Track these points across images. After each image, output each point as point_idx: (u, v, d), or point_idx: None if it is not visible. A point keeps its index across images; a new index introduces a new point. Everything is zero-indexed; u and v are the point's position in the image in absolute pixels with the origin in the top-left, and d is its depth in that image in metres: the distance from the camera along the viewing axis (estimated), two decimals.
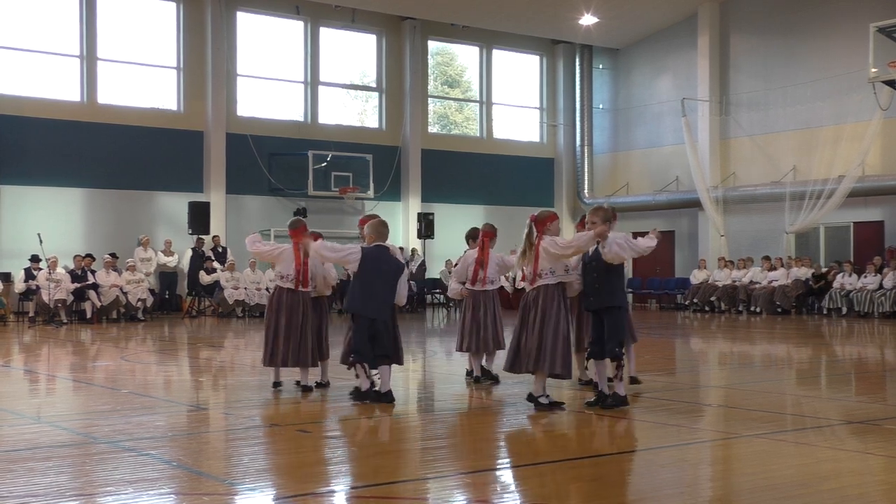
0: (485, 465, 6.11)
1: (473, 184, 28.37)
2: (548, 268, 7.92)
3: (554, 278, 7.91)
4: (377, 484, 5.66)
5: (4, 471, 5.75)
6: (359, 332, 8.38)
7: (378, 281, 8.36)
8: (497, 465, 6.12)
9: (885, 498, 5.22)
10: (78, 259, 20.78)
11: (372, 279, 8.34)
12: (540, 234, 8.00)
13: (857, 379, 11.23)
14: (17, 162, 22.09)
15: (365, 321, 8.35)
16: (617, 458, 6.47)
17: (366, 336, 8.36)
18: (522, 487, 5.66)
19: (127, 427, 7.35)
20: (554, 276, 7.92)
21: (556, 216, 8.17)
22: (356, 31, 27.00)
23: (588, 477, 5.85)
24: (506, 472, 5.93)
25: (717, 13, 26.90)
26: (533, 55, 30.21)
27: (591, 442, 7.04)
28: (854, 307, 21.77)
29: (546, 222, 8.04)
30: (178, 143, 24.12)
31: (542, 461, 6.36)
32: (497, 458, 6.39)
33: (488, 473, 5.89)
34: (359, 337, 8.38)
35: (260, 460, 6.18)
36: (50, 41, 23.05)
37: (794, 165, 24.99)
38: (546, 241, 7.93)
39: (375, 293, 8.37)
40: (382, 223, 8.62)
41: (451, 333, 18.80)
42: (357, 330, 8.41)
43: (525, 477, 5.89)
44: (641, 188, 28.61)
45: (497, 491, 5.55)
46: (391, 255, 8.59)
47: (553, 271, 7.92)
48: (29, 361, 13.37)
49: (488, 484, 5.67)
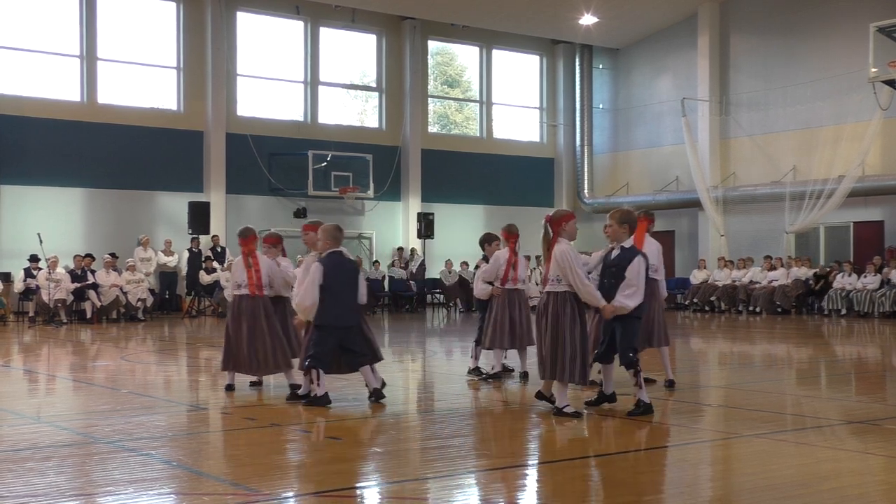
0: (485, 465, 6.11)
1: (473, 184, 28.37)
2: (557, 274, 7.58)
3: (562, 286, 7.58)
4: (377, 484, 5.66)
5: (4, 471, 5.75)
6: (325, 340, 8.22)
7: (344, 289, 8.32)
8: (497, 465, 6.11)
9: (885, 498, 5.22)
10: (78, 259, 20.78)
11: (338, 288, 8.26)
12: (555, 234, 7.66)
13: (857, 379, 11.23)
14: (17, 162, 22.08)
15: (336, 331, 8.27)
16: (617, 457, 6.47)
17: (331, 345, 8.27)
18: (522, 487, 5.66)
19: (127, 427, 7.36)
20: (561, 283, 7.58)
21: (572, 216, 7.82)
22: (356, 31, 27.00)
23: (588, 477, 5.86)
24: (506, 472, 5.92)
25: (717, 13, 26.90)
26: (533, 55, 30.21)
27: (591, 442, 7.04)
28: (854, 307, 21.77)
29: (561, 222, 7.66)
30: (178, 143, 24.12)
31: (541, 461, 6.36)
32: (497, 458, 6.39)
33: (488, 473, 5.89)
34: (323, 345, 8.22)
35: (260, 460, 6.18)
36: (50, 41, 23.05)
37: (794, 165, 24.99)
38: (559, 248, 7.58)
39: (344, 301, 8.32)
40: (337, 228, 8.49)
41: (452, 333, 18.83)
42: (322, 339, 8.22)
43: (525, 477, 5.89)
44: (641, 188, 28.61)
45: (497, 491, 5.55)
46: (347, 258, 8.59)
47: (559, 279, 7.58)
48: (29, 361, 13.37)
49: (488, 484, 5.67)
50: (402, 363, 13.32)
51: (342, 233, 8.54)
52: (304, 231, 8.96)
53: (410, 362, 13.40)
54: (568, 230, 7.67)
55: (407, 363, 13.31)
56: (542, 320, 7.67)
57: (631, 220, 7.85)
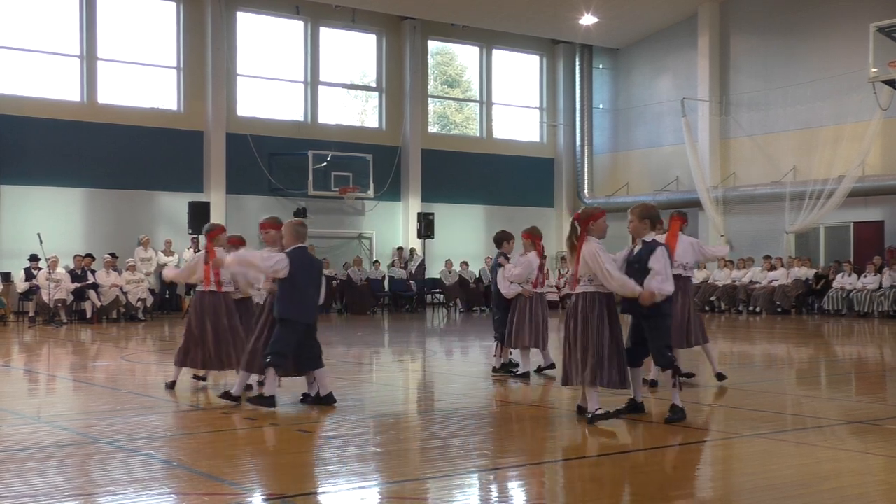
0: (485, 465, 6.11)
1: (473, 184, 28.37)
2: (587, 274, 7.30)
3: (592, 286, 7.30)
4: (377, 484, 5.66)
5: (4, 471, 5.74)
6: (288, 337, 7.95)
7: (310, 285, 8.12)
8: (497, 465, 6.11)
9: (885, 498, 5.22)
10: (78, 259, 20.78)
11: (304, 283, 8.02)
12: (583, 232, 7.36)
13: (857, 379, 11.23)
14: (17, 162, 22.08)
15: (300, 327, 8.02)
16: (617, 458, 6.46)
17: (294, 343, 8.02)
18: (522, 487, 5.65)
19: (126, 427, 7.35)
20: (591, 284, 7.30)
21: (602, 213, 7.48)
22: (356, 31, 27.00)
23: (588, 477, 5.85)
24: (505, 472, 5.92)
25: (717, 13, 26.90)
26: (533, 55, 30.20)
27: (590, 442, 7.04)
28: (854, 307, 21.77)
29: (590, 220, 7.37)
30: (178, 143, 24.11)
31: (541, 461, 6.36)
32: (497, 457, 6.38)
33: (488, 473, 5.89)
34: (285, 343, 7.95)
35: (260, 460, 6.18)
36: (50, 41, 23.05)
37: (794, 165, 24.98)
38: (587, 247, 7.29)
39: (308, 297, 8.10)
40: (301, 224, 8.27)
41: (452, 333, 18.83)
42: (286, 335, 7.95)
43: (525, 476, 5.89)
44: (641, 188, 28.60)
45: (497, 491, 5.55)
46: (312, 255, 8.42)
47: (591, 279, 7.31)
48: (29, 361, 13.37)
49: (488, 484, 5.67)
50: (402, 363, 13.32)
51: (306, 229, 8.27)
52: (264, 229, 8.54)
53: (410, 362, 13.40)
54: (597, 228, 7.40)
55: (407, 363, 13.31)
56: (571, 322, 7.37)
57: (651, 215, 7.61)
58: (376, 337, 17.67)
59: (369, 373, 12.08)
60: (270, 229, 8.47)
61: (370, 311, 24.44)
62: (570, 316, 7.39)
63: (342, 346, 14.95)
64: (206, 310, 9.07)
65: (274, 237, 8.42)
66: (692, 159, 26.11)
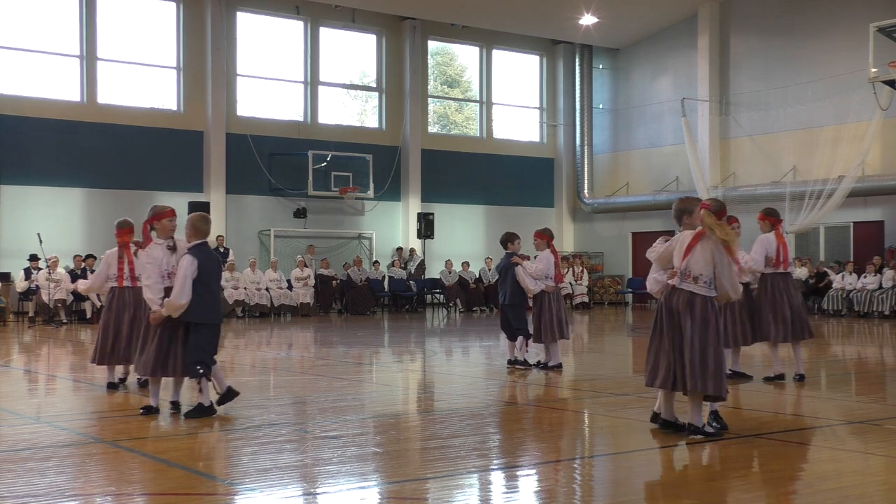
0: (484, 465, 6.11)
1: (473, 184, 28.38)
2: (707, 275, 6.63)
3: (698, 286, 6.63)
4: (377, 484, 5.66)
5: (4, 471, 5.74)
6: (207, 341, 7.67)
7: (214, 283, 7.83)
8: (496, 465, 6.11)
9: (885, 498, 5.22)
10: (78, 259, 20.79)
11: (210, 282, 7.67)
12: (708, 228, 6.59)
13: (857, 379, 11.23)
14: (17, 162, 22.09)
15: (214, 328, 7.75)
16: (616, 457, 6.46)
17: (214, 345, 7.77)
18: (521, 487, 5.66)
19: (127, 427, 7.35)
20: (698, 283, 6.64)
21: (705, 205, 6.72)
22: (356, 31, 27.01)
23: (587, 477, 5.85)
24: (505, 473, 5.92)
25: (717, 13, 26.90)
26: (533, 55, 30.21)
27: (590, 442, 7.04)
28: (854, 307, 21.77)
29: (721, 216, 6.68)
30: (178, 143, 24.12)
31: (541, 461, 6.36)
32: (496, 457, 6.38)
33: (488, 473, 5.89)
34: (208, 347, 7.68)
35: (260, 460, 6.18)
36: (50, 41, 23.06)
37: (794, 165, 24.99)
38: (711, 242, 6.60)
39: (215, 296, 7.81)
40: (203, 218, 7.77)
41: (451, 333, 18.83)
42: (205, 339, 7.64)
43: (524, 477, 5.89)
44: (641, 188, 28.61)
45: (496, 491, 5.55)
46: (212, 250, 8.10)
47: (707, 281, 6.64)
48: (29, 361, 13.37)
49: (488, 484, 5.67)
50: (402, 363, 13.32)
51: (208, 224, 7.80)
52: (150, 221, 7.95)
53: (410, 362, 13.40)
54: (690, 223, 6.78)
55: (407, 363, 13.31)
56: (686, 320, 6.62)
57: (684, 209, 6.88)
58: (376, 337, 17.66)
59: (369, 373, 12.08)
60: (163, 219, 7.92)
61: (370, 312, 24.43)
62: (676, 314, 6.65)
63: (342, 347, 14.95)
64: (124, 304, 9.00)
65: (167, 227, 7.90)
66: (692, 159, 26.11)
